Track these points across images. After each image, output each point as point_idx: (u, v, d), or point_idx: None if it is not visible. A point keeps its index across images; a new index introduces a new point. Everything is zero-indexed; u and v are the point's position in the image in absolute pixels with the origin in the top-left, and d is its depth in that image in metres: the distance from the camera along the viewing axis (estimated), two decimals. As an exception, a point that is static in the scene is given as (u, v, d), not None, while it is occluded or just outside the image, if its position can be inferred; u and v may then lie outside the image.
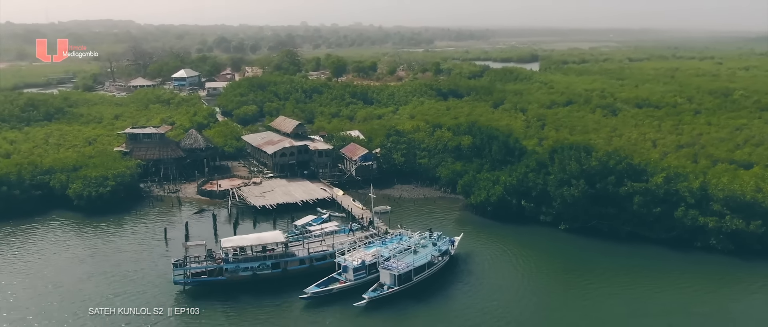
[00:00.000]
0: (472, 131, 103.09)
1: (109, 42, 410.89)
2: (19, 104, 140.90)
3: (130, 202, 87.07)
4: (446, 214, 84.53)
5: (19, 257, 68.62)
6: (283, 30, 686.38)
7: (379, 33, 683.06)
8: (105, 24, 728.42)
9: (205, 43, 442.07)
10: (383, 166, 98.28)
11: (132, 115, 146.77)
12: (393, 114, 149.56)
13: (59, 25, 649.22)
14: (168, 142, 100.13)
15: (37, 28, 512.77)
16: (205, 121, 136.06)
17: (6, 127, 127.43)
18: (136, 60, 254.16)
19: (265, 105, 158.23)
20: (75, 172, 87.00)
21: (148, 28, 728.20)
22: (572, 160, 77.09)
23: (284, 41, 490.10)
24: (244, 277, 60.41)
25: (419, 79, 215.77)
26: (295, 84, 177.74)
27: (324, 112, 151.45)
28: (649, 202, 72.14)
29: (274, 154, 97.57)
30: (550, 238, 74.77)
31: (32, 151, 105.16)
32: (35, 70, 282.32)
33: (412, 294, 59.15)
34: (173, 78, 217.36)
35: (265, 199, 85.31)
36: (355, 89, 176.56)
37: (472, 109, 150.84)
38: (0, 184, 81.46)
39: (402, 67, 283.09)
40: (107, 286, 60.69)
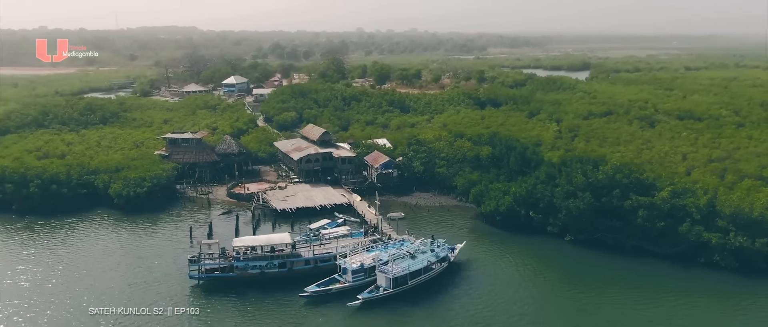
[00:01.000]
0: (492, 142, 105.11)
1: (170, 48, 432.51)
2: (78, 108, 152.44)
3: (166, 202, 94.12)
4: (457, 222, 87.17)
5: (60, 247, 76.44)
6: (337, 36, 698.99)
7: (432, 39, 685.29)
8: (170, 30, 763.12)
9: (261, 50, 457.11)
10: (404, 173, 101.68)
11: (180, 119, 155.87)
12: (427, 123, 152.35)
13: (127, 32, 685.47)
14: (204, 147, 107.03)
15: (105, 35, 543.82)
16: (244, 127, 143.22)
17: (66, 130, 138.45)
18: (191, 66, 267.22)
19: (305, 112, 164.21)
20: (117, 173, 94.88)
21: (210, 34, 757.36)
22: (579, 173, 78.32)
23: (336, 48, 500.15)
24: (253, 274, 65.36)
25: (461, 88, 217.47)
26: (335, 91, 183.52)
27: (360, 120, 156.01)
28: (654, 217, 72.67)
29: (299, 160, 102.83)
30: (554, 249, 76.33)
31: (85, 152, 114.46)
32: (101, 76, 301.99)
33: (406, 297, 62.46)
34: (223, 84, 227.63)
35: (287, 202, 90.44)
36: (393, 97, 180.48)
37: (506, 119, 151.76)
38: (50, 183, 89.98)
39: (447, 74, 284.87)
40: (130, 275, 67.28)
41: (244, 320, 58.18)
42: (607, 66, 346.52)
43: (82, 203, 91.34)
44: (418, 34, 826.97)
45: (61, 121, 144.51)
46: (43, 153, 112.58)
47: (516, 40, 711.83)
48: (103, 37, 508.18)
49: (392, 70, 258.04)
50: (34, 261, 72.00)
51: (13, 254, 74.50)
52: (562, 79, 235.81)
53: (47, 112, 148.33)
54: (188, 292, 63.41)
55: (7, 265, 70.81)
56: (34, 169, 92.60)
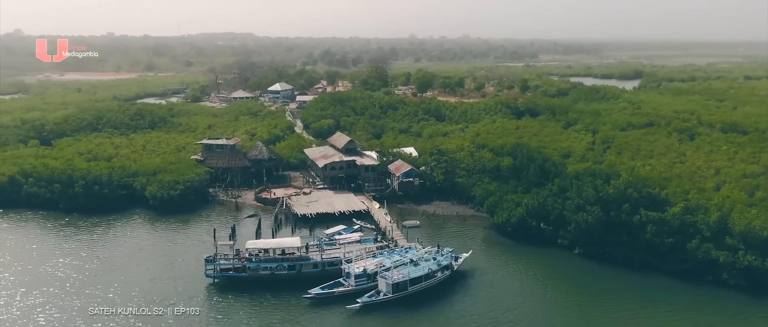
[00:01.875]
0: (514, 153, 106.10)
1: (225, 55, 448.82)
2: (129, 113, 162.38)
3: (197, 205, 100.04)
4: (471, 231, 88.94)
5: (97, 243, 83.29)
6: (389, 43, 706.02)
7: (483, 46, 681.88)
8: (227, 37, 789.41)
9: (311, 56, 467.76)
10: (425, 182, 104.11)
11: (223, 125, 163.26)
12: (461, 132, 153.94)
13: (187, 38, 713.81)
14: (237, 153, 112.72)
15: (166, 42, 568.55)
16: (281, 134, 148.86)
17: (117, 134, 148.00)
18: (240, 73, 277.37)
19: (342, 119, 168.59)
20: (154, 176, 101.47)
21: (265, 40, 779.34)
22: (589, 187, 78.78)
23: (386, 54, 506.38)
24: (264, 275, 69.51)
25: (501, 97, 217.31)
26: (373, 99, 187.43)
27: (394, 128, 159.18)
28: (662, 232, 72.48)
29: (324, 167, 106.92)
30: (562, 262, 77.09)
31: (130, 155, 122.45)
32: (157, 81, 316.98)
33: (406, 303, 65.03)
34: (269, 91, 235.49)
35: (308, 208, 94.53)
36: (430, 106, 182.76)
37: (540, 129, 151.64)
38: (93, 184, 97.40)
39: (492, 82, 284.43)
40: (153, 271, 72.96)
41: (247, 316, 62.27)
42: (660, 75, 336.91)
43: (122, 203, 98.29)
44: (469, 41, 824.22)
45: (113, 125, 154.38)
46: (93, 155, 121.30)
47: (570, 47, 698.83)
48: (163, 44, 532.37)
49: (436, 78, 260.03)
50: (72, 254, 78.79)
51: (55, 247, 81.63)
52: (606, 88, 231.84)
53: (101, 117, 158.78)
54: (203, 289, 68.14)
55: (49, 256, 77.93)
56: (80, 170, 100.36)
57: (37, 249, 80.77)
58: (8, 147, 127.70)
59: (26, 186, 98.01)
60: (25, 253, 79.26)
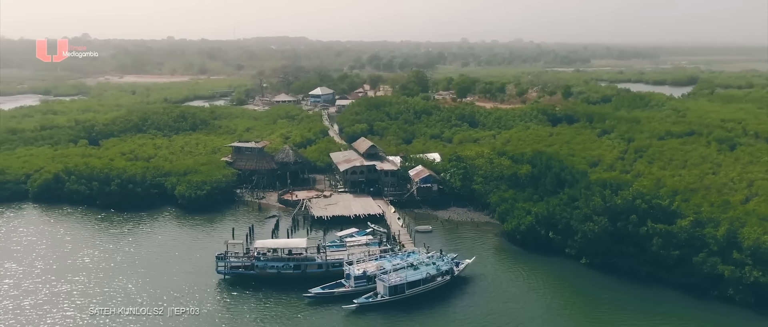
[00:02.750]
0: (533, 160, 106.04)
1: (275, 59, 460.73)
2: (173, 115, 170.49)
3: (223, 205, 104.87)
4: (482, 238, 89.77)
5: (125, 238, 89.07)
6: (439, 47, 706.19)
7: (534, 50, 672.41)
8: (280, 41, 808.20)
9: (359, 60, 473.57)
10: (444, 189, 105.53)
11: (261, 128, 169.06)
12: (492, 138, 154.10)
13: (241, 42, 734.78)
14: (264, 156, 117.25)
15: (220, 46, 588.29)
16: (313, 137, 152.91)
17: (160, 135, 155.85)
18: (284, 77, 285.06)
19: (375, 124, 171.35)
20: (184, 176, 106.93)
21: (316, 44, 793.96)
22: (597, 196, 78.43)
23: (433, 59, 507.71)
24: (271, 273, 72.93)
25: (540, 103, 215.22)
26: (408, 104, 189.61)
27: (426, 133, 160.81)
28: (668, 245, 71.50)
29: (345, 172, 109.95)
30: (568, 271, 77.09)
31: (167, 156, 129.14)
32: (208, 84, 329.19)
33: (402, 305, 66.90)
34: (310, 95, 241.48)
35: (326, 210, 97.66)
36: (464, 112, 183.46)
37: (573, 137, 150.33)
38: (128, 182, 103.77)
39: (535, 88, 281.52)
40: (170, 265, 77.78)
41: (248, 311, 65.80)
42: (716, 81, 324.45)
43: (154, 201, 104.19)
44: (520, 45, 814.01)
45: (158, 127, 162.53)
46: (134, 155, 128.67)
47: (625, 52, 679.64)
48: (217, 48, 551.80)
49: (477, 83, 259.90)
50: (102, 247, 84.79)
51: (87, 240, 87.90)
52: (652, 95, 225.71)
53: (147, 119, 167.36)
54: (213, 285, 72.17)
55: (80, 248, 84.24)
56: (116, 169, 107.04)
57: (71, 241, 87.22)
58: (59, 146, 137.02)
59: (68, 183, 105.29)
60: (60, 244, 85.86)
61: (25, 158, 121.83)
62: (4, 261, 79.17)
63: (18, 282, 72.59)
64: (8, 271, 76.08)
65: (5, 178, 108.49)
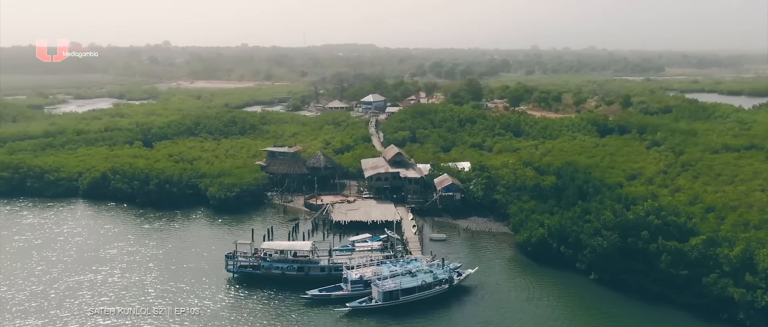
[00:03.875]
0: (559, 172, 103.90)
1: (339, 65, 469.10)
2: (224, 120, 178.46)
3: (252, 206, 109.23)
4: (496, 249, 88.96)
5: (155, 234, 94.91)
6: (507, 54, 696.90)
7: (605, 58, 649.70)
8: (348, 48, 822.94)
9: (421, 68, 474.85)
10: (467, 198, 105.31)
11: (306, 133, 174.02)
12: (534, 148, 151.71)
13: (310, 49, 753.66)
14: (297, 160, 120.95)
15: (287, 53, 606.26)
16: (353, 143, 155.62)
17: (210, 138, 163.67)
18: (340, 84, 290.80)
19: (418, 131, 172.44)
20: (217, 178, 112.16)
21: (383, 51, 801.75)
22: (608, 211, 76.18)
23: (497, 67, 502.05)
24: (276, 274, 75.73)
25: (595, 112, 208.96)
26: (453, 112, 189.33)
27: (467, 142, 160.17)
28: (677, 263, 68.54)
29: (369, 178, 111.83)
30: (575, 286, 75.26)
31: (210, 159, 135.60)
32: (270, 90, 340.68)
33: (396, 312, 67.76)
34: (362, 101, 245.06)
35: (346, 215, 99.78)
36: (509, 121, 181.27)
37: (619, 148, 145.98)
38: (164, 182, 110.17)
39: (595, 97, 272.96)
40: (188, 261, 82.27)
41: (245, 307, 68.74)
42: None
43: (188, 201, 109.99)
44: (592, 53, 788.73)
45: (209, 131, 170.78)
46: (180, 157, 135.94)
47: (704, 60, 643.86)
48: (284, 55, 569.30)
49: (533, 92, 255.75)
50: (131, 241, 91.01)
51: (120, 235, 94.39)
52: (716, 106, 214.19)
53: (199, 122, 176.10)
54: (222, 282, 75.92)
55: (112, 241, 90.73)
56: (156, 170, 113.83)
57: (105, 234, 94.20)
58: (116, 147, 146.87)
59: (113, 182, 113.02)
60: (96, 237, 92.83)
61: (82, 157, 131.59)
62: (45, 250, 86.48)
63: (48, 269, 79.53)
64: (44, 258, 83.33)
65: (60, 176, 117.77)
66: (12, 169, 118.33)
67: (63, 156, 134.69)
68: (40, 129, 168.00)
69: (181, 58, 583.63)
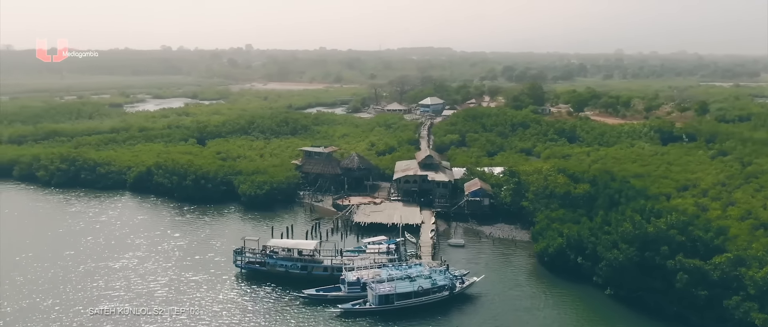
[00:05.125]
0: (595, 179, 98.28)
1: (409, 68, 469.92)
2: (276, 120, 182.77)
3: (283, 205, 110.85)
4: (514, 257, 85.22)
5: (186, 227, 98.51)
6: (586, 58, 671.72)
7: (693, 63, 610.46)
8: (423, 51, 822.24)
9: (492, 71, 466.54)
10: (495, 204, 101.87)
11: (355, 135, 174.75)
12: (586, 155, 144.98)
13: (384, 53, 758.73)
14: (331, 161, 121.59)
15: (358, 56, 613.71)
16: (397, 145, 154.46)
17: (261, 138, 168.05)
18: (401, 86, 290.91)
19: (468, 135, 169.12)
20: (250, 176, 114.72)
21: (460, 55, 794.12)
22: (628, 222, 70.94)
23: (572, 71, 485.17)
24: (279, 271, 76.22)
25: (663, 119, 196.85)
26: (506, 116, 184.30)
27: (516, 147, 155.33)
28: (696, 283, 62.66)
29: (397, 180, 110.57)
30: (588, 301, 70.78)
31: (253, 157, 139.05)
32: (336, 92, 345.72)
33: (389, 316, 66.36)
34: (420, 104, 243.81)
35: (368, 217, 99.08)
36: (564, 126, 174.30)
37: (679, 157, 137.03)
38: (201, 179, 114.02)
39: (671, 104, 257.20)
40: (204, 253, 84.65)
41: (242, 301, 69.74)
42: None
43: (222, 197, 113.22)
44: (679, 57, 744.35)
45: (261, 130, 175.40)
46: (226, 155, 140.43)
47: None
48: (356, 58, 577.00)
49: (601, 96, 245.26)
50: (161, 233, 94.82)
51: (152, 226, 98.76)
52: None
53: (253, 122, 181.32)
54: (230, 276, 77.42)
55: (144, 232, 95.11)
56: (194, 166, 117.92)
57: (135, 224, 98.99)
58: (170, 143, 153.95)
59: (156, 176, 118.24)
60: (129, 226, 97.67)
61: (136, 153, 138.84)
62: (80, 236, 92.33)
63: (76, 253, 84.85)
64: (76, 243, 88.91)
65: (110, 169, 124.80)
66: (69, 161, 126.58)
67: (120, 151, 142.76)
68: (108, 126, 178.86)
69: (259, 60, 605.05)
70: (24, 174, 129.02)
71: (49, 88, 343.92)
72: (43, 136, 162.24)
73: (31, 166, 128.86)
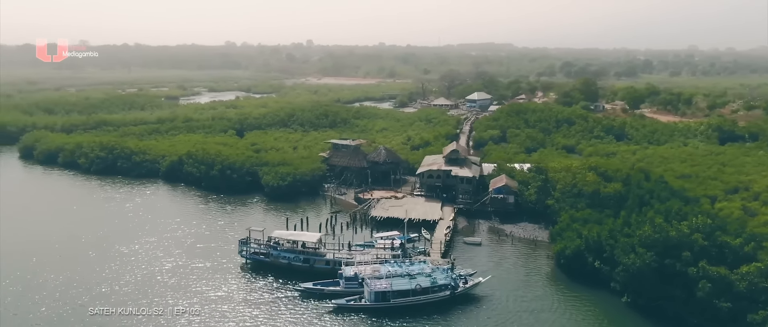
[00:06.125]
0: (628, 179, 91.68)
1: (465, 63, 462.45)
2: (316, 113, 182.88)
3: (306, 196, 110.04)
4: (532, 259, 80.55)
5: (207, 215, 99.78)
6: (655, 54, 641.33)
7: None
8: (483, 47, 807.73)
9: (551, 67, 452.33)
10: (520, 201, 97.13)
11: (394, 129, 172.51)
12: (631, 154, 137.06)
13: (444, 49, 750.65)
14: (358, 154, 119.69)
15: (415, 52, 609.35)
16: (433, 140, 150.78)
17: (300, 130, 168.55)
18: (451, 81, 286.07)
19: (509, 131, 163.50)
20: (275, 167, 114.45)
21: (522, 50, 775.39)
22: (648, 225, 65.14)
23: (636, 68, 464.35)
24: (282, 263, 74.97)
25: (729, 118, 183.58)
26: (551, 113, 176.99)
27: (558, 144, 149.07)
28: (719, 293, 56.58)
29: (420, 175, 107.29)
30: (601, 308, 65.62)
31: (287, 149, 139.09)
32: (387, 87, 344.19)
33: (383, 314, 63.67)
34: (466, 99, 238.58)
35: (386, 211, 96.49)
36: (612, 123, 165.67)
37: (735, 158, 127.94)
38: (226, 169, 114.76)
39: (739, 101, 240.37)
40: (217, 241, 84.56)
41: (237, 291, 68.87)
42: None
43: (247, 188, 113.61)
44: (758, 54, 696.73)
45: (300, 123, 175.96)
46: (260, 146, 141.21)
47: None
48: (412, 53, 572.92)
49: (661, 93, 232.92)
50: (180, 220, 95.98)
51: (174, 213, 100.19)
52: None
53: (293, 115, 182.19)
54: (235, 266, 76.86)
55: (164, 219, 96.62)
56: (220, 156, 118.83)
57: (157, 211, 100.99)
58: (210, 134, 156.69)
59: (186, 165, 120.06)
60: (151, 213, 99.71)
61: (173, 142, 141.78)
62: (102, 220, 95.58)
63: (93, 236, 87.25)
64: (96, 227, 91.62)
65: (145, 158, 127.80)
66: (108, 150, 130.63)
67: (160, 140, 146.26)
68: (155, 116, 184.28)
69: (317, 55, 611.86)
70: (67, 161, 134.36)
71: (115, 81, 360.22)
72: (93, 125, 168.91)
73: (73, 154, 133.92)
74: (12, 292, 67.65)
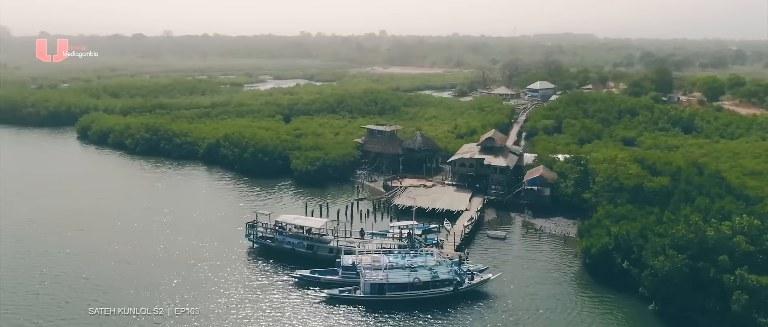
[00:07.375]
0: (678, 173, 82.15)
1: (537, 53, 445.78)
2: (364, 100, 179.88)
3: (335, 182, 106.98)
4: (558, 256, 73.38)
5: (235, 198, 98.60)
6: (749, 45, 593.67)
7: None
8: (561, 37, 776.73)
9: (629, 58, 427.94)
10: (556, 194, 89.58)
11: (444, 118, 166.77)
12: (697, 148, 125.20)
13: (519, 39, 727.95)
14: (393, 140, 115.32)
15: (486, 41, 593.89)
16: (481, 129, 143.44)
17: (347, 116, 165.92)
18: (514, 70, 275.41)
19: (566, 121, 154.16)
20: (305, 152, 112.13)
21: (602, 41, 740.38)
22: (682, 223, 56.84)
23: (723, 58, 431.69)
24: (287, 249, 72.12)
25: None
26: (613, 103, 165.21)
27: (616, 136, 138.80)
28: (758, 306, 48.11)
29: (452, 163, 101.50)
30: (623, 315, 58.19)
31: (327, 134, 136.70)
32: (450, 76, 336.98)
33: (378, 307, 59.36)
34: (528, 89, 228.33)
35: (413, 201, 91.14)
36: (682, 115, 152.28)
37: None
38: (259, 152, 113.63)
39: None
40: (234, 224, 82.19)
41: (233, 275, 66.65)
42: None
43: (278, 171, 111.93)
44: None
45: (348, 109, 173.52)
46: (302, 131, 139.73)
47: None
48: (482, 43, 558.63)
49: (744, 83, 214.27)
50: (203, 202, 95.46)
51: (199, 195, 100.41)
52: None
53: (342, 101, 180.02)
54: (242, 250, 74.65)
55: (188, 200, 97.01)
56: (253, 140, 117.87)
57: (185, 193, 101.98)
58: (255, 119, 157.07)
59: (222, 148, 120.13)
60: (178, 193, 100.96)
61: (216, 126, 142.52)
62: (132, 197, 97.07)
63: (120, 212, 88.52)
64: (123, 203, 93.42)
65: (185, 140, 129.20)
66: (152, 131, 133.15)
67: (206, 124, 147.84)
68: (208, 101, 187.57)
69: (387, 45, 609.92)
70: (115, 141, 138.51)
71: (188, 69, 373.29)
72: (149, 108, 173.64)
73: (122, 135, 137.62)
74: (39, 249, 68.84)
